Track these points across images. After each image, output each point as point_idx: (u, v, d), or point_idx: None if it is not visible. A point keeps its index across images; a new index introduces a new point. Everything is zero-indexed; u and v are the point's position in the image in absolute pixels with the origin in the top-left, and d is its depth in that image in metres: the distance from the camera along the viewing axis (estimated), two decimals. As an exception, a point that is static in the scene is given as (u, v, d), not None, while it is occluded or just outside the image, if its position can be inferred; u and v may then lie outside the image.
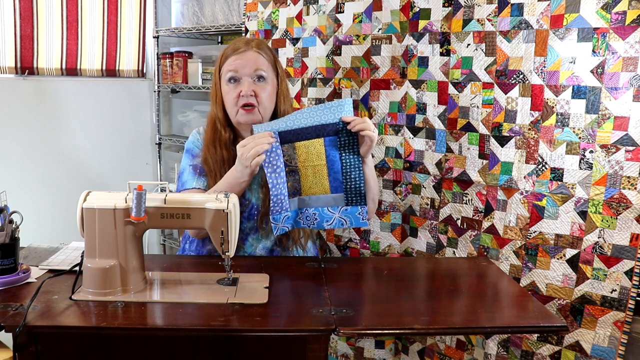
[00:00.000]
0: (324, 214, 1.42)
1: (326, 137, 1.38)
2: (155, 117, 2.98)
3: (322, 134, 1.38)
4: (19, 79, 2.46)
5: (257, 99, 1.44)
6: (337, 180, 1.40)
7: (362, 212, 1.40)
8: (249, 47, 1.45)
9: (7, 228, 1.19)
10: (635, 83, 1.42)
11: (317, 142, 1.38)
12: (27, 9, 2.42)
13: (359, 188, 1.39)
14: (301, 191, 1.42)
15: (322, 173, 1.40)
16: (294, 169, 1.40)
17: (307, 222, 1.43)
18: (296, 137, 1.38)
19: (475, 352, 1.78)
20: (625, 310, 1.48)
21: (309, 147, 1.39)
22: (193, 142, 1.56)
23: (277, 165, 1.36)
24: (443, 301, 1.24)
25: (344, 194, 1.40)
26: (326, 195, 1.41)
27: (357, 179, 1.39)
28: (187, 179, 1.49)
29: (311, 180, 1.41)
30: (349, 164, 1.39)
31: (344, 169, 1.39)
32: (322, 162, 1.39)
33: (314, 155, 1.39)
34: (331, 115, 1.37)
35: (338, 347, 2.05)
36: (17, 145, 2.46)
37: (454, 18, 1.69)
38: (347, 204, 1.41)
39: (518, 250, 1.65)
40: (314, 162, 1.39)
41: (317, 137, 1.38)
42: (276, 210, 1.38)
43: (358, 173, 1.39)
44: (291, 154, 1.39)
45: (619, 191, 1.46)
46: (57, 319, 1.05)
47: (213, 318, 1.07)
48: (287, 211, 1.40)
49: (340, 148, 1.38)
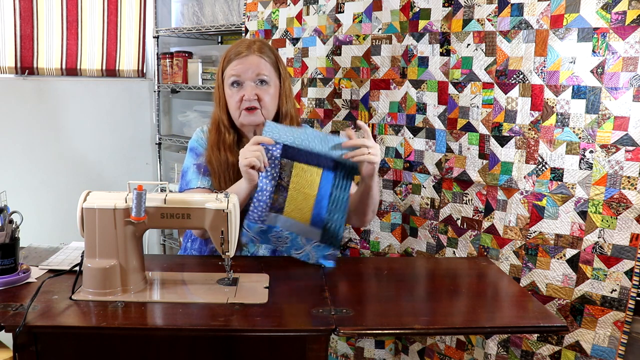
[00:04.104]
0: (296, 242, 1.39)
1: (325, 170, 1.34)
2: (155, 117, 2.98)
3: (323, 165, 1.34)
4: (19, 79, 2.46)
5: (260, 103, 1.45)
6: (320, 215, 1.36)
7: (331, 254, 1.37)
8: (250, 51, 1.46)
9: (7, 228, 1.19)
10: (635, 83, 1.42)
11: (315, 171, 1.35)
12: (27, 9, 2.42)
13: (336, 231, 1.36)
14: (283, 210, 1.38)
15: (309, 203, 1.36)
16: (285, 186, 1.36)
17: (278, 242, 1.40)
18: (298, 157, 1.34)
19: (475, 352, 1.77)
20: (625, 310, 1.48)
21: (306, 172, 1.35)
22: (197, 140, 1.56)
23: (270, 173, 1.33)
24: (443, 301, 1.24)
25: (321, 231, 1.37)
26: (304, 225, 1.37)
27: (338, 221, 1.35)
28: (192, 177, 1.50)
29: (296, 205, 1.37)
30: (336, 205, 1.35)
31: (330, 207, 1.35)
32: (313, 193, 1.35)
33: (307, 182, 1.36)
34: (340, 150, 1.32)
35: (338, 347, 2.05)
36: (17, 145, 2.45)
37: (454, 18, 1.69)
38: (320, 241, 1.37)
39: (518, 250, 1.65)
40: (305, 189, 1.36)
41: (317, 166, 1.34)
42: (253, 217, 1.35)
43: (341, 216, 1.35)
44: (287, 171, 1.35)
45: (619, 191, 1.46)
46: (57, 319, 1.05)
47: (213, 318, 1.07)
48: (262, 224, 1.36)
49: (333, 186, 1.34)
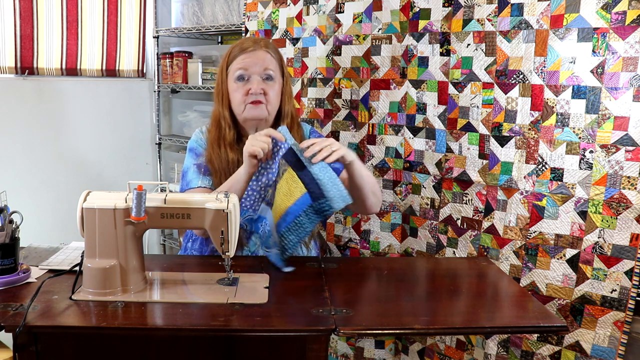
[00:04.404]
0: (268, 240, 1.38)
1: (308, 192, 1.31)
2: (155, 117, 2.98)
3: (310, 188, 1.29)
4: (19, 79, 2.46)
5: (266, 97, 1.46)
6: (280, 227, 1.35)
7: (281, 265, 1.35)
8: (257, 46, 1.47)
9: (7, 228, 1.19)
10: (635, 83, 1.42)
11: (300, 188, 1.34)
12: (27, 9, 2.42)
13: (285, 248, 1.35)
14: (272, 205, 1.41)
15: (280, 209, 1.38)
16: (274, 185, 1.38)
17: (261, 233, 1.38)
18: (295, 166, 1.30)
19: (475, 352, 1.77)
20: (625, 310, 1.48)
21: (294, 182, 1.36)
22: (196, 141, 1.56)
23: (270, 165, 1.32)
24: (443, 301, 1.24)
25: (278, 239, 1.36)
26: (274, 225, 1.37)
27: (291, 243, 1.34)
28: (192, 178, 1.49)
29: (276, 205, 1.40)
30: (297, 229, 1.34)
31: (290, 226, 1.34)
32: (288, 203, 1.36)
33: (289, 191, 1.37)
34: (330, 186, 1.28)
35: (338, 347, 2.05)
36: (17, 145, 2.45)
37: (454, 18, 1.69)
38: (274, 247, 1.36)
39: (518, 250, 1.65)
40: (286, 195, 1.37)
41: (304, 184, 1.31)
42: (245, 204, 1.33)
43: (295, 241, 1.34)
44: (280, 172, 1.36)
45: (619, 191, 1.46)
46: (57, 319, 1.05)
47: (213, 318, 1.07)
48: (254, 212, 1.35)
49: (304, 212, 1.33)
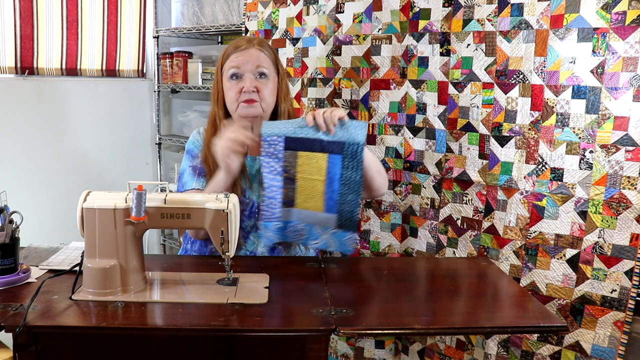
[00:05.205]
0: (313, 232, 1.38)
1: (330, 154, 1.32)
2: (155, 117, 2.97)
3: (328, 150, 1.32)
4: (19, 79, 2.46)
5: (259, 95, 1.45)
6: (332, 199, 1.34)
7: (350, 238, 1.36)
8: (251, 45, 1.47)
9: (7, 228, 1.19)
10: (635, 83, 1.42)
11: (321, 157, 1.33)
12: (27, 9, 2.42)
13: (352, 213, 1.34)
14: (295, 203, 1.37)
15: (319, 189, 1.35)
16: (292, 178, 1.35)
17: (295, 236, 1.39)
18: (301, 146, 1.33)
19: (475, 352, 1.77)
20: (625, 310, 1.48)
21: (312, 159, 1.34)
22: (193, 142, 1.57)
23: (275, 169, 1.33)
24: (443, 301, 1.24)
25: (336, 216, 1.35)
26: (318, 214, 1.36)
27: (353, 203, 1.33)
28: (187, 180, 1.50)
29: (307, 194, 1.36)
30: (348, 187, 1.33)
31: (342, 190, 1.33)
32: (321, 178, 1.34)
33: (314, 169, 1.34)
34: (342, 133, 1.31)
35: (338, 347, 2.05)
36: (17, 145, 2.45)
37: (454, 18, 1.69)
38: (337, 227, 1.36)
39: (518, 250, 1.65)
40: (313, 175, 1.34)
41: (321, 152, 1.33)
42: (267, 216, 1.35)
43: (355, 198, 1.33)
44: (292, 162, 1.34)
45: (619, 191, 1.46)
46: (57, 319, 1.05)
47: (213, 318, 1.07)
48: (278, 220, 1.36)
49: (342, 168, 1.32)
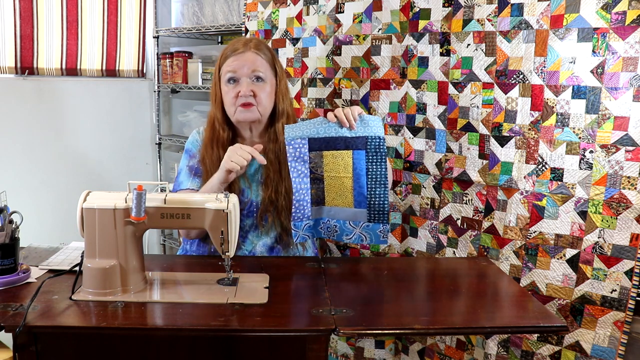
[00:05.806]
0: (345, 228, 1.42)
1: (355, 150, 1.38)
2: (155, 117, 2.98)
3: (351, 146, 1.38)
4: (19, 79, 2.46)
5: (256, 99, 1.46)
6: (362, 194, 1.39)
7: (383, 230, 1.40)
8: (247, 48, 1.47)
9: (7, 228, 1.19)
10: (635, 83, 1.42)
11: (346, 154, 1.38)
12: (27, 9, 2.42)
13: (382, 205, 1.38)
14: (324, 201, 1.42)
15: (347, 186, 1.40)
16: (319, 178, 1.40)
17: (328, 232, 1.44)
18: (325, 146, 1.38)
19: (475, 352, 1.77)
20: (625, 310, 1.48)
21: (337, 157, 1.39)
22: (192, 142, 1.57)
23: (302, 171, 1.38)
24: (443, 301, 1.24)
25: (367, 210, 1.40)
26: (349, 209, 1.41)
27: (382, 195, 1.38)
28: (183, 179, 1.52)
29: (335, 192, 1.41)
30: (375, 180, 1.38)
31: (369, 184, 1.38)
32: (349, 175, 1.39)
33: (341, 166, 1.39)
34: (363, 128, 1.37)
35: (338, 347, 2.05)
36: (17, 145, 2.45)
37: (454, 18, 1.69)
38: (369, 220, 1.40)
39: (518, 250, 1.65)
40: (340, 173, 1.39)
41: (345, 149, 1.38)
42: (298, 216, 1.39)
43: (383, 190, 1.38)
44: (318, 162, 1.39)
45: (619, 191, 1.46)
46: (57, 319, 1.05)
47: (213, 318, 1.07)
48: (308, 219, 1.41)
49: (367, 162, 1.38)
